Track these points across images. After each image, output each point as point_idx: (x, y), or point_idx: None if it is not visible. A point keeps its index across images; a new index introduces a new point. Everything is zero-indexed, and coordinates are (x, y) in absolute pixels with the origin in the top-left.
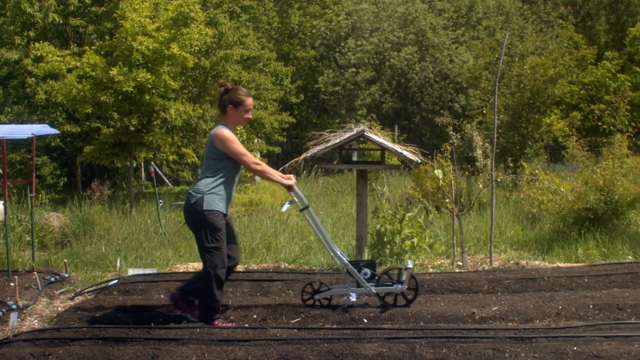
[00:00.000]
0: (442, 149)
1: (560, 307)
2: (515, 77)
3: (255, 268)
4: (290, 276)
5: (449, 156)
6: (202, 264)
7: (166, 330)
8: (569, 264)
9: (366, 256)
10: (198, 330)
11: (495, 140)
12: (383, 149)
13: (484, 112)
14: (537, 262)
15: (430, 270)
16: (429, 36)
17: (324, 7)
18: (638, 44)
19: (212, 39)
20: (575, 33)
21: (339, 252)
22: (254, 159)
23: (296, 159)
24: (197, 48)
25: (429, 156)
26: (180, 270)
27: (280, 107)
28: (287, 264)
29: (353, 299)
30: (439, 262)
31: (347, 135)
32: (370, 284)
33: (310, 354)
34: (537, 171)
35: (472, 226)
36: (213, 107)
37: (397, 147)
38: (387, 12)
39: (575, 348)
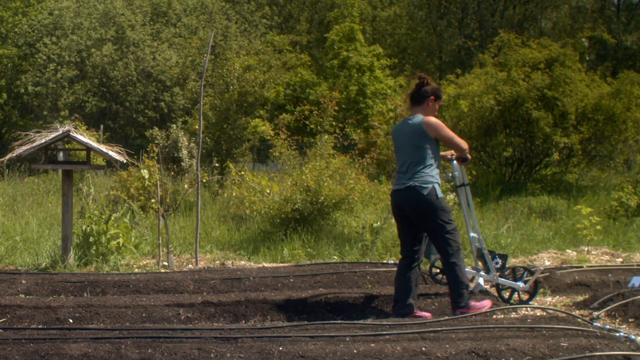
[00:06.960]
0: (148, 149)
1: (269, 307)
2: (223, 78)
3: None
4: None
5: (155, 156)
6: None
7: None
8: (275, 264)
9: (72, 256)
10: None
11: (200, 140)
12: (89, 149)
13: (192, 112)
14: (242, 262)
15: (136, 270)
16: (128, 34)
17: (27, 5)
18: (335, 48)
19: None
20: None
21: (480, 237)
22: (460, 138)
23: (1, 159)
24: None
25: (135, 156)
26: None
27: None
28: None
29: (480, 282)
30: (145, 262)
31: (53, 135)
32: (498, 274)
33: (16, 354)
34: (242, 172)
35: (179, 226)
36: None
37: (103, 147)
38: (87, 10)
39: (281, 348)
